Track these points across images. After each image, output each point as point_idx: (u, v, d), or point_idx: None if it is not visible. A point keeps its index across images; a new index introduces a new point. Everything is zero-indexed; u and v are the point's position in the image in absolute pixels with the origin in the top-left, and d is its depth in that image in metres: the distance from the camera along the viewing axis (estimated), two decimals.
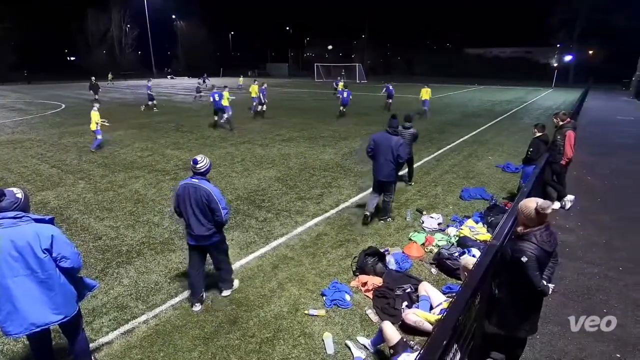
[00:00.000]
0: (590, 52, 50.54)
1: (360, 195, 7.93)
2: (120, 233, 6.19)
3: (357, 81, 49.87)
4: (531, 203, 3.02)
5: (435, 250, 5.58)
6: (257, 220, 6.68)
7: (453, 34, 64.71)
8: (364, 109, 22.64)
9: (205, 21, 72.40)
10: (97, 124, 11.21)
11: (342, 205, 7.39)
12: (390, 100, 20.88)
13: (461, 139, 13.56)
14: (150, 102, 21.19)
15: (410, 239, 5.99)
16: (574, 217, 6.91)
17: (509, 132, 15.19)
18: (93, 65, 57.81)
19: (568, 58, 49.31)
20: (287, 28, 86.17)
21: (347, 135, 14.26)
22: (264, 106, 18.41)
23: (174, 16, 72.89)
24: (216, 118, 15.42)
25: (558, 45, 52.74)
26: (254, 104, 19.18)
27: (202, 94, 26.66)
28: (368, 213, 6.43)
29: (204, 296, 4.49)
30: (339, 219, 6.77)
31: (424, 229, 6.38)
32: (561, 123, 7.14)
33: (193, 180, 4.06)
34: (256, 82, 19.73)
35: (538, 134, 7.06)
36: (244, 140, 13.33)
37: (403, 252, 5.53)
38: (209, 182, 4.09)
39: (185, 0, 68.29)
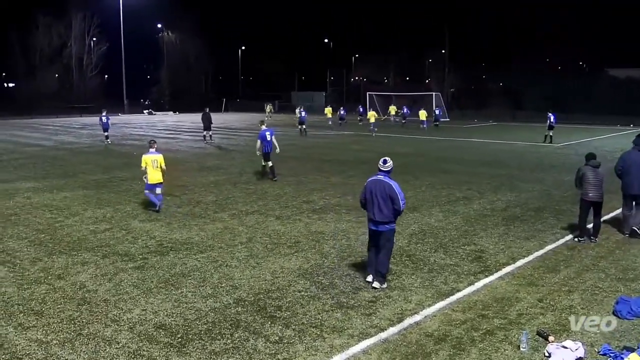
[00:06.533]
0: None
1: (440, 304, 7.67)
2: (51, 353, 6.19)
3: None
4: None
5: None
6: (267, 341, 6.57)
7: (589, 49, 65.63)
8: (449, 162, 22.74)
9: (204, 31, 78.26)
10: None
11: (408, 321, 7.18)
12: (551, 133, 31.31)
13: (610, 215, 13.17)
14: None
15: None
16: None
17: None
18: (36, 93, 63.03)
19: None
20: (326, 41, 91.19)
21: (418, 204, 14.24)
22: None
23: (160, 25, 79.46)
24: (264, 164, 18.11)
25: None
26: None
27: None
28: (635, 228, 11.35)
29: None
30: (404, 344, 6.55)
31: None
32: None
33: (379, 176, 8.30)
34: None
35: None
36: (253, 209, 13.57)
37: None
38: (391, 179, 8.29)
39: (177, 3, 74.63)
